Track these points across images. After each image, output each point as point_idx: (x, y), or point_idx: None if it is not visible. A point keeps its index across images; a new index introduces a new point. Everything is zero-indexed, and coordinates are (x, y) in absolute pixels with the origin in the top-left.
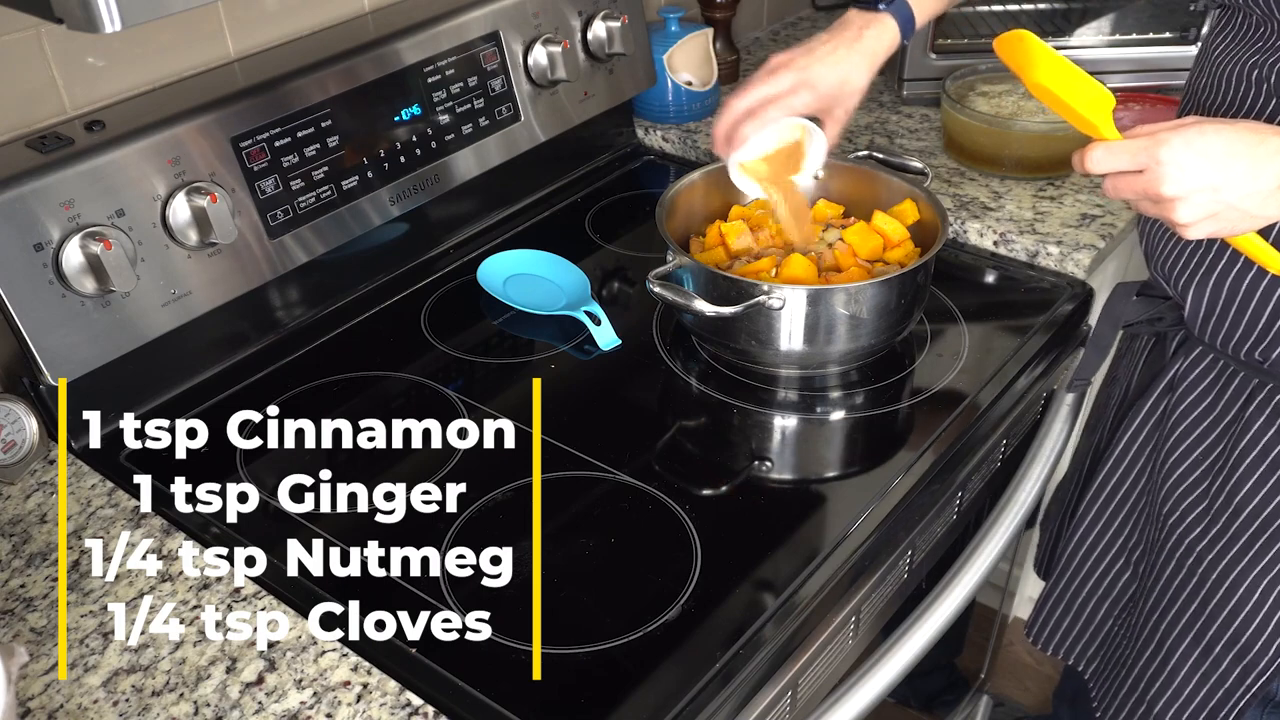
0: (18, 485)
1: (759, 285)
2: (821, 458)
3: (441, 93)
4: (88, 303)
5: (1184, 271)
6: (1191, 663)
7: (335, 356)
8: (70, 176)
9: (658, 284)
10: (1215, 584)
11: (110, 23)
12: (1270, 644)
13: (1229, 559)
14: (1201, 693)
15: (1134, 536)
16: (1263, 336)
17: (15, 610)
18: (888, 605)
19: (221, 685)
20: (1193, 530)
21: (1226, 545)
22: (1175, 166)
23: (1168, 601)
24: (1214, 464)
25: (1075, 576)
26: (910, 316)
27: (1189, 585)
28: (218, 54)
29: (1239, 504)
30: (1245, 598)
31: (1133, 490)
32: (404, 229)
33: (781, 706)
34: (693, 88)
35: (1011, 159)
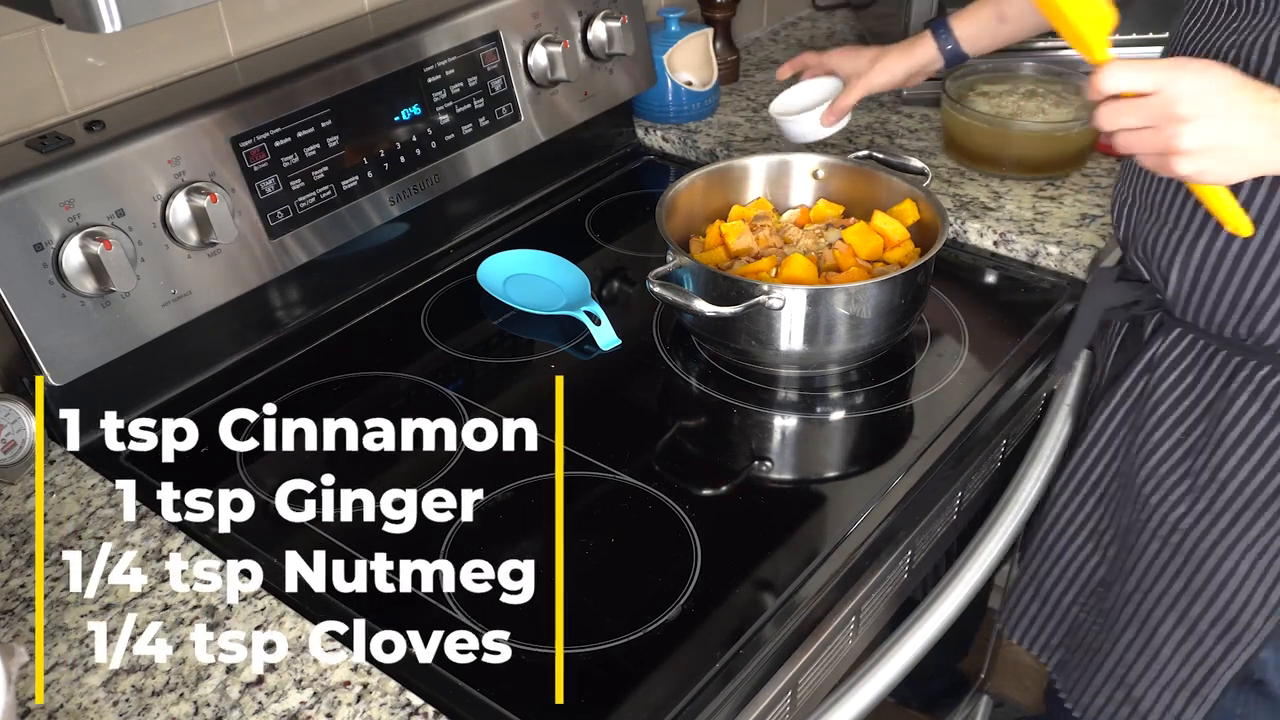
0: (18, 485)
1: (759, 285)
2: (821, 458)
3: (441, 93)
4: (88, 303)
5: (1165, 250)
6: (1175, 640)
7: (335, 356)
8: (70, 176)
9: (658, 284)
10: (1201, 560)
11: (110, 23)
12: (1254, 617)
13: (1214, 535)
14: (1184, 671)
15: (1105, 521)
16: (1245, 312)
17: (15, 610)
18: (888, 605)
19: (221, 685)
20: (1176, 508)
21: (1212, 521)
22: (1193, 89)
23: (1150, 580)
24: (1197, 442)
25: (1044, 562)
26: (910, 316)
27: (1172, 562)
28: (218, 54)
29: (1224, 480)
30: (1231, 572)
31: (1105, 474)
32: (404, 229)
33: (781, 706)
34: (693, 88)
35: (1011, 159)
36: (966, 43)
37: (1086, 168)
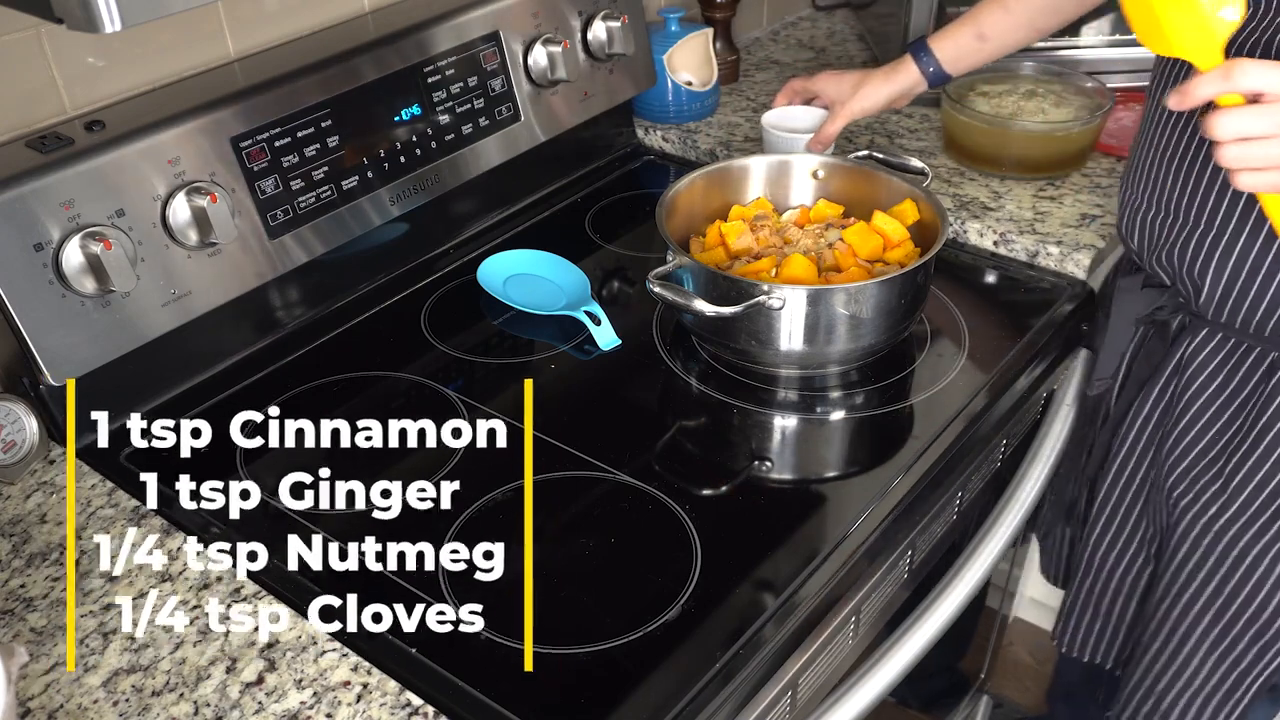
0: (18, 485)
1: (759, 285)
2: (821, 458)
3: (441, 93)
4: (88, 303)
5: (1197, 256)
6: (1207, 647)
7: (335, 356)
8: (70, 176)
9: (658, 284)
10: (1234, 563)
11: (110, 23)
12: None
13: (1248, 537)
14: (1214, 679)
15: (1150, 527)
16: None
17: (15, 610)
18: (888, 605)
19: (221, 685)
20: (1208, 509)
21: (1246, 524)
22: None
23: (1181, 585)
24: (1229, 443)
25: (1099, 579)
26: (911, 316)
27: (1205, 566)
28: (218, 54)
29: (1260, 481)
30: (1266, 575)
31: (1144, 481)
32: (404, 229)
33: (781, 706)
34: (693, 88)
35: (1011, 159)
36: (948, 64)
37: (1086, 168)
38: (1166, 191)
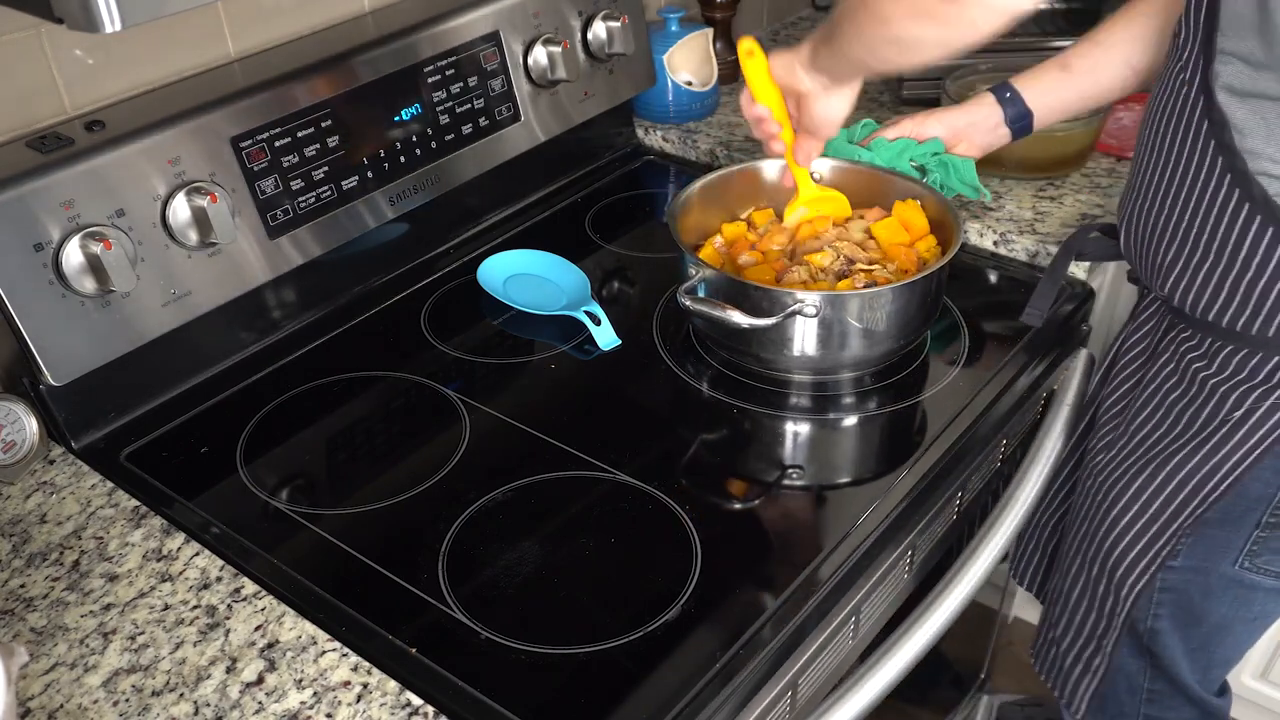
0: (18, 485)
1: (792, 295)
2: (822, 458)
3: (441, 93)
4: (88, 303)
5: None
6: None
7: (335, 356)
8: (70, 176)
9: (689, 299)
10: (1109, 500)
11: (110, 23)
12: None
13: (1117, 476)
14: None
15: None
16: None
17: (15, 610)
18: (888, 605)
19: (221, 685)
20: (1102, 453)
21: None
22: None
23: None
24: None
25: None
26: (931, 317)
27: (1085, 505)
28: (218, 54)
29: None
30: (1122, 513)
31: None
32: (404, 229)
33: (781, 706)
34: (693, 88)
35: (1011, 159)
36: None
37: (1086, 168)
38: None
